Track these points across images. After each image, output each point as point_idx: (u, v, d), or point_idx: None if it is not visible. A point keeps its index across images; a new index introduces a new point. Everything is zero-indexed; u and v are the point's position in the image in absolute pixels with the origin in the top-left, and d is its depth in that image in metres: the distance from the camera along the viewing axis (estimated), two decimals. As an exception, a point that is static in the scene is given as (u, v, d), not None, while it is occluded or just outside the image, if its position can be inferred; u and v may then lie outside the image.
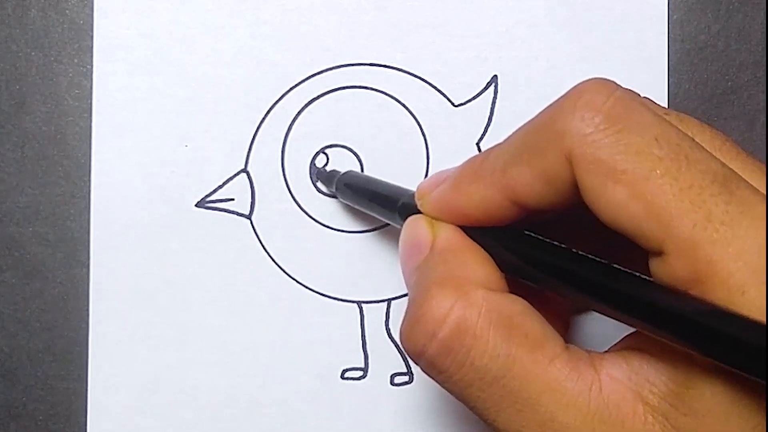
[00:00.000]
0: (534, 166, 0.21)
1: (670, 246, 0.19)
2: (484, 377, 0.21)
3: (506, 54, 0.33)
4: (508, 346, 0.21)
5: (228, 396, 0.33)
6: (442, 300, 0.21)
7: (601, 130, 0.20)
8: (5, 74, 0.33)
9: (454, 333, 0.21)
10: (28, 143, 0.33)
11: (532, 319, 0.22)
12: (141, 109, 0.33)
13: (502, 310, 0.21)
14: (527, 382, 0.21)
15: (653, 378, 0.20)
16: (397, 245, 0.33)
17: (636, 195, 0.19)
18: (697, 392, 0.19)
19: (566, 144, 0.20)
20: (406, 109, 0.33)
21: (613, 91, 0.20)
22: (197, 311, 0.33)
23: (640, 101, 0.21)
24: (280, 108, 0.33)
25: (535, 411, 0.21)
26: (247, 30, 0.33)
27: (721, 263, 0.18)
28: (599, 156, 0.20)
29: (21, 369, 0.33)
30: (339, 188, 0.32)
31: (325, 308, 0.33)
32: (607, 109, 0.20)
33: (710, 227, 0.18)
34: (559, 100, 0.21)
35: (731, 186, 0.19)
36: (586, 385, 0.21)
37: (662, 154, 0.19)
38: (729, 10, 0.34)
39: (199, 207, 0.33)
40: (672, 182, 0.19)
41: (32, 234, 0.33)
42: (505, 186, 0.22)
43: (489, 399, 0.21)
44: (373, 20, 0.33)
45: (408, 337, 0.22)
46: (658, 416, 0.20)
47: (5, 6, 0.33)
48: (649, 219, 0.19)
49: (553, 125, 0.21)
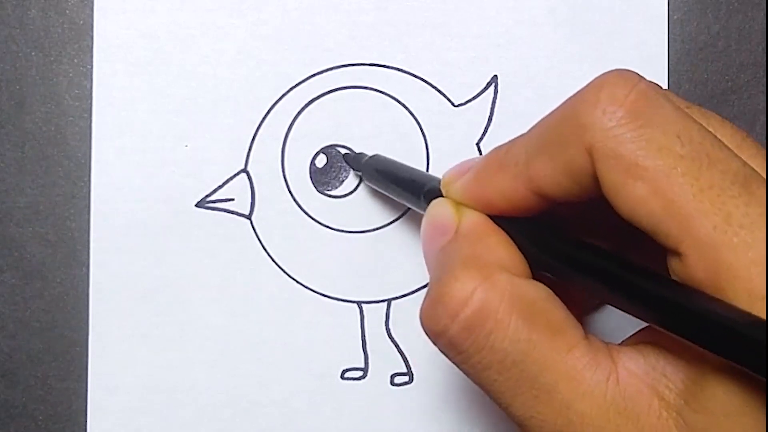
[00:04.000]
0: (556, 158, 0.21)
1: (690, 247, 0.19)
2: (503, 361, 0.21)
3: (506, 54, 0.33)
4: (530, 332, 0.21)
5: (228, 396, 0.33)
6: (467, 281, 0.21)
7: (623, 124, 0.20)
8: (5, 74, 0.33)
9: (476, 314, 0.21)
10: (28, 143, 0.33)
11: (554, 306, 0.22)
12: (141, 109, 0.33)
13: (525, 295, 0.21)
14: (546, 368, 0.21)
15: (669, 374, 0.20)
16: (398, 245, 0.33)
17: (656, 192, 0.19)
18: (710, 391, 0.19)
19: (588, 138, 0.20)
20: (406, 110, 0.33)
21: (636, 83, 0.20)
22: (197, 311, 0.33)
23: (662, 94, 0.21)
24: (280, 108, 0.33)
25: (552, 398, 0.21)
26: (247, 30, 0.33)
27: (741, 268, 0.18)
28: (620, 151, 0.20)
29: (21, 369, 0.33)
30: (365, 170, 0.31)
31: (325, 308, 0.33)
32: (629, 103, 0.20)
33: (730, 230, 0.18)
34: (582, 91, 0.21)
35: (752, 187, 0.19)
36: (603, 375, 0.21)
37: (684, 152, 0.19)
38: (729, 10, 0.34)
39: (199, 207, 0.33)
40: (693, 182, 0.19)
41: (32, 234, 0.33)
42: (528, 177, 0.22)
43: (506, 383, 0.21)
44: (373, 20, 0.33)
45: (429, 316, 0.22)
46: (672, 412, 0.20)
47: (5, 6, 0.33)
48: (668, 218, 0.19)
49: (575, 118, 0.20)
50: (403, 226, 0.33)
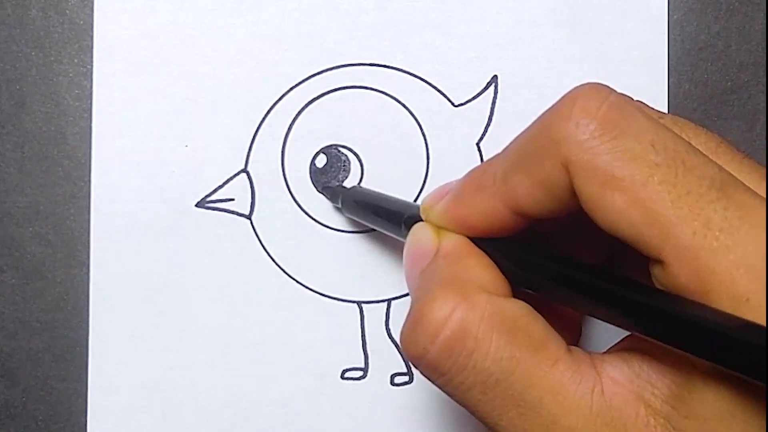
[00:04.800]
0: (532, 174, 0.21)
1: (671, 254, 0.19)
2: (486, 380, 0.21)
3: (506, 54, 0.33)
4: (512, 349, 0.21)
5: (228, 396, 0.33)
6: (445, 302, 0.21)
7: (597, 136, 0.20)
8: (5, 74, 0.33)
9: (456, 335, 0.21)
10: (28, 143, 0.33)
11: (535, 322, 0.22)
12: (141, 109, 0.33)
13: (505, 313, 0.21)
14: (530, 384, 0.21)
15: (655, 380, 0.20)
16: (398, 245, 0.33)
17: (634, 202, 0.19)
18: (698, 395, 0.19)
19: (563, 152, 0.20)
20: (406, 109, 0.33)
21: (607, 96, 0.20)
22: (197, 311, 0.33)
23: (634, 105, 0.21)
24: (280, 108, 0.33)
25: (538, 414, 0.21)
26: (247, 30, 0.33)
27: (723, 272, 0.18)
28: (596, 163, 0.20)
29: (21, 369, 0.33)
30: (344, 203, 0.32)
31: (325, 308, 0.33)
32: (601, 115, 0.20)
33: (710, 235, 0.18)
34: (554, 106, 0.21)
35: (729, 190, 0.19)
36: (588, 387, 0.21)
37: (659, 160, 0.19)
38: (729, 10, 0.34)
39: (199, 207, 0.33)
40: (670, 189, 0.19)
41: (32, 234, 0.33)
42: (506, 196, 0.22)
43: (491, 402, 0.21)
44: (373, 20, 0.33)
45: (409, 338, 0.22)
46: (659, 419, 0.20)
47: (5, 6, 0.33)
48: (648, 226, 0.19)
49: (549, 133, 0.20)
50: (403, 226, 0.33)
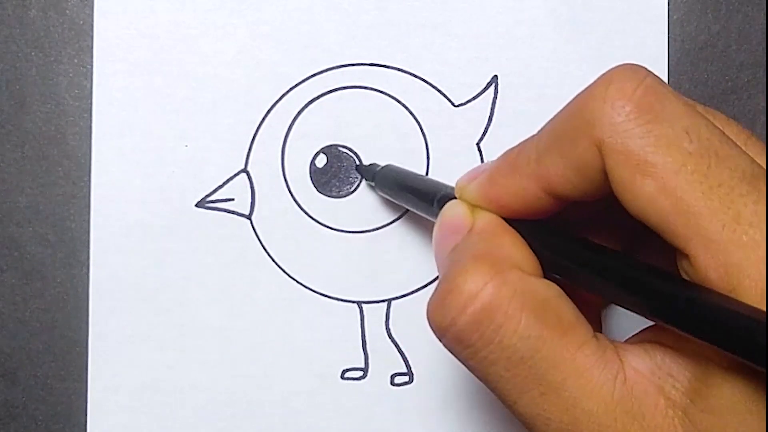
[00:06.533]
0: (566, 155, 0.21)
1: (699, 247, 0.19)
2: (510, 356, 0.21)
3: (506, 54, 0.33)
4: (540, 328, 0.21)
5: (228, 396, 0.33)
6: (477, 275, 0.21)
7: (632, 119, 0.19)
8: (5, 74, 0.33)
9: (486, 308, 0.21)
10: (28, 143, 0.33)
11: (565, 304, 0.22)
12: (141, 109, 0.33)
13: (536, 292, 0.21)
14: (554, 365, 0.21)
15: (675, 373, 0.20)
16: (398, 245, 0.33)
17: (665, 190, 0.19)
18: (716, 389, 0.19)
19: (597, 133, 0.20)
20: (406, 109, 0.33)
21: (644, 78, 0.20)
22: (197, 311, 0.33)
23: (670, 89, 0.20)
24: (280, 108, 0.33)
25: (559, 395, 0.21)
26: (247, 30, 0.33)
27: (752, 267, 0.18)
28: (629, 146, 0.19)
29: (21, 369, 0.33)
30: (377, 181, 0.32)
31: (325, 308, 0.33)
32: (637, 98, 0.20)
33: (739, 229, 0.18)
34: (590, 87, 0.21)
35: (760, 184, 0.19)
36: (611, 374, 0.21)
37: (692, 148, 0.19)
38: (729, 10, 0.34)
39: (199, 207, 0.33)
40: (702, 180, 0.19)
41: (32, 234, 0.33)
42: (539, 176, 0.22)
43: (512, 380, 0.21)
44: (373, 20, 0.33)
45: (436, 309, 0.22)
46: (678, 411, 0.20)
47: (5, 6, 0.33)
48: (676, 216, 0.19)
49: (584, 114, 0.20)
50: (403, 226, 0.33)
